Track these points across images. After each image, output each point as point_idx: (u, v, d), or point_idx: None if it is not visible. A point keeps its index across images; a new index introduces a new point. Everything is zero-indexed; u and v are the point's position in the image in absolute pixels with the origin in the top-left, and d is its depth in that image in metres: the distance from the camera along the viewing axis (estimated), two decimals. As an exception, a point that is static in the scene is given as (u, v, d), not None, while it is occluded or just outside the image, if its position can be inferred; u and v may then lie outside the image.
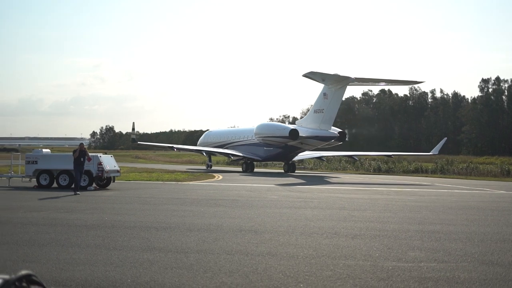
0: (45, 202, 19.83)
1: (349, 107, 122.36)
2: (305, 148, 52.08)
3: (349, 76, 47.30)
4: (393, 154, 62.59)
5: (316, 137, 49.45)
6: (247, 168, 53.33)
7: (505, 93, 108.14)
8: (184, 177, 37.50)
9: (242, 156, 54.44)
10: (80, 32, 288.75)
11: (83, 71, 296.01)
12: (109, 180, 27.65)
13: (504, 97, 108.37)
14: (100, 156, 27.17)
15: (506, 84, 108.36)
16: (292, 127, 50.86)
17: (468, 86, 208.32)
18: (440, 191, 28.97)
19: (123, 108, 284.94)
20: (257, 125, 53.64)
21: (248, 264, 8.94)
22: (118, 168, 28.70)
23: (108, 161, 27.53)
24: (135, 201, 20.30)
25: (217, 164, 71.49)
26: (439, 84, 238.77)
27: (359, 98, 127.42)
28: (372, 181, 38.36)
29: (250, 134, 55.02)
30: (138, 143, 64.04)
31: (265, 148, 53.23)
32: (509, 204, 21.68)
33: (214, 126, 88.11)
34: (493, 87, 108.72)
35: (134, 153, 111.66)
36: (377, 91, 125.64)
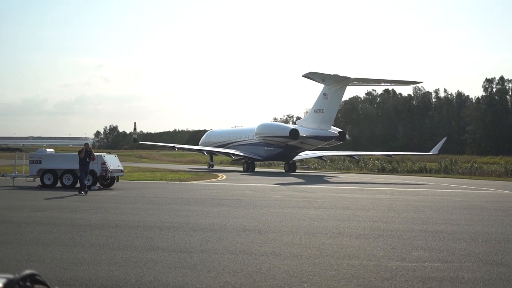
0: (49, 202, 19.86)
1: (353, 107, 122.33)
2: (306, 148, 52.54)
3: (349, 77, 47.83)
4: (393, 154, 62.89)
5: (316, 137, 49.84)
6: (248, 168, 53.69)
7: (509, 93, 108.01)
8: (188, 177, 37.53)
9: (243, 156, 54.73)
10: (85, 32, 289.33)
11: (88, 71, 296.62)
12: (113, 180, 27.68)
13: (508, 97, 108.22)
14: (104, 156, 27.22)
15: (510, 84, 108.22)
16: (292, 127, 51.46)
17: (472, 86, 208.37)
18: (444, 191, 28.92)
19: (127, 108, 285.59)
20: (258, 125, 54.00)
21: (252, 264, 8.94)
22: (122, 168, 28.75)
23: (112, 161, 27.58)
24: (139, 201, 20.32)
25: (221, 164, 71.70)
26: (443, 84, 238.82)
27: (363, 98, 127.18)
28: (373, 181, 38.30)
29: (251, 134, 55.35)
30: (140, 143, 64.40)
31: (266, 148, 53.57)
32: (513, 204, 21.61)
33: (218, 126, 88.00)
34: (497, 87, 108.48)
35: (138, 153, 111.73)
36: (381, 91, 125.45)
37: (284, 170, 54.83)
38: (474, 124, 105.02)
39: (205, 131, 75.19)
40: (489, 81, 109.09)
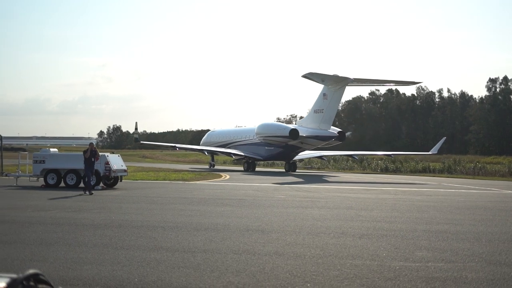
0: (53, 202, 19.89)
1: (356, 107, 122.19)
2: (305, 148, 52.95)
3: (348, 77, 48.14)
4: (393, 154, 63.03)
5: (316, 137, 50.21)
6: (249, 168, 54.09)
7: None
8: (191, 177, 37.56)
9: (244, 156, 54.96)
10: (88, 32, 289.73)
11: (90, 71, 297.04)
12: (116, 180, 27.72)
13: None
14: (108, 156, 27.25)
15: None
16: (292, 127, 51.88)
17: (476, 86, 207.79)
18: (448, 191, 28.87)
19: (131, 108, 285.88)
20: (258, 125, 54.28)
21: (255, 264, 8.94)
22: (125, 168, 28.77)
23: (116, 161, 27.61)
24: (142, 201, 20.35)
25: (224, 164, 71.83)
26: (447, 84, 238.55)
27: (366, 98, 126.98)
28: (374, 180, 38.26)
29: (252, 134, 55.71)
30: (141, 143, 64.69)
31: (266, 148, 53.95)
32: (517, 204, 21.57)
33: (221, 126, 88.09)
34: (501, 87, 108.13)
35: (141, 153, 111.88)
36: (384, 91, 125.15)
37: (285, 170, 55.04)
38: (478, 124, 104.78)
39: (208, 131, 75.38)
40: (493, 81, 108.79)
